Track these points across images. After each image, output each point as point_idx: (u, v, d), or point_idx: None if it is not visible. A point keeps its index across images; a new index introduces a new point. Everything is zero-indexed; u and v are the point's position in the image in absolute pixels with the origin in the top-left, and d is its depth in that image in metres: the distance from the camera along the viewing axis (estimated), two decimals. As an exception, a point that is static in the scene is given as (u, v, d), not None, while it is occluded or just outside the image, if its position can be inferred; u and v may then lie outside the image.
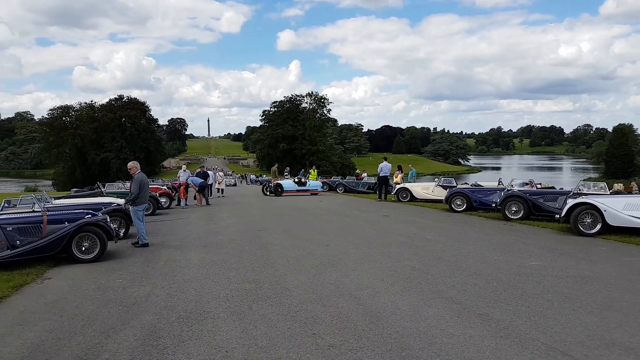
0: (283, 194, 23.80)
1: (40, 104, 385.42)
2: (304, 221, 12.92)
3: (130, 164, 10.07)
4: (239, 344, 4.09)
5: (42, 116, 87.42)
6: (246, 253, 8.32)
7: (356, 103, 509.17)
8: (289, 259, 7.71)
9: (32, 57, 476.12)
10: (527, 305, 5.05)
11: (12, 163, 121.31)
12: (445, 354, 3.79)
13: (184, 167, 23.20)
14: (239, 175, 68.09)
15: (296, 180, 25.79)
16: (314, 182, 26.58)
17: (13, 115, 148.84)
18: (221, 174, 27.38)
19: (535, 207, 12.28)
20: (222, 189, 26.05)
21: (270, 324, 4.56)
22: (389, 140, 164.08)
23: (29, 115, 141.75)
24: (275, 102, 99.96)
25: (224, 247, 8.98)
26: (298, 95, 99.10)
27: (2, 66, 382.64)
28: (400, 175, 22.37)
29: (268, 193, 25.35)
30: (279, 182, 24.72)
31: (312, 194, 24.74)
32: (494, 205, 13.44)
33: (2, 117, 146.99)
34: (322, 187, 27.18)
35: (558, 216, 10.39)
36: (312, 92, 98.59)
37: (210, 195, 24.12)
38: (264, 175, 64.38)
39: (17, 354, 4.04)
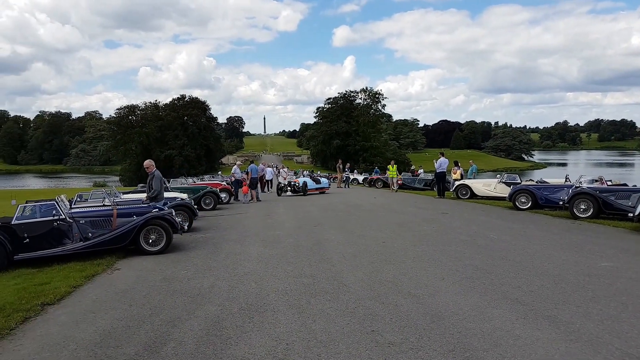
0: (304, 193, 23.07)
1: (108, 103, 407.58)
2: (358, 218, 12.88)
3: (147, 163, 10.28)
4: (299, 338, 4.14)
5: (110, 115, 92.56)
6: (303, 248, 8.41)
7: (412, 98, 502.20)
8: (345, 255, 7.71)
9: (100, 58, 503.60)
10: (599, 307, 4.77)
11: (82, 160, 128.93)
12: (511, 356, 3.66)
13: (238, 162, 23.90)
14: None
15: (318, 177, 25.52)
16: (325, 180, 26.14)
17: (83, 114, 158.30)
18: (285, 170, 28.24)
19: (605, 205, 11.59)
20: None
21: (329, 319, 4.58)
22: (447, 135, 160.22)
23: (97, 115, 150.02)
24: (329, 98, 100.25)
25: (281, 242, 9.11)
26: (352, 92, 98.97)
27: (74, 68, 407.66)
28: (458, 171, 21.80)
29: (289, 193, 23.10)
30: (305, 180, 24.16)
31: (320, 192, 24.15)
32: (561, 203, 12.83)
33: (73, 117, 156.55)
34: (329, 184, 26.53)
35: (631, 215, 9.76)
36: (366, 88, 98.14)
37: (270, 191, 24.68)
38: (319, 172, 64.60)
39: (91, 340, 4.28)
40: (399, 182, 27.84)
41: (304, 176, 26.14)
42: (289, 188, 23.29)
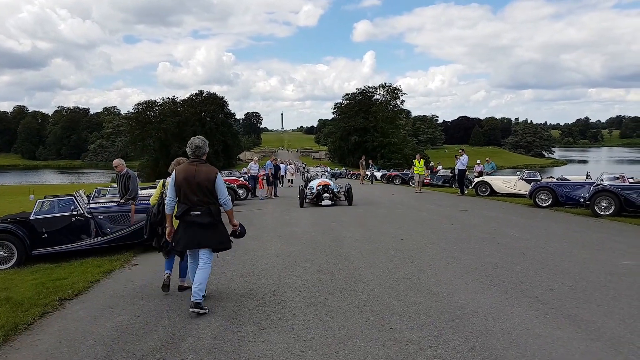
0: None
1: (127, 99, 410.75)
2: (377, 215, 12.81)
3: (117, 161, 9.61)
4: (317, 334, 4.12)
5: (128, 111, 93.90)
6: (320, 245, 8.38)
7: (432, 93, 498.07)
8: (363, 252, 7.67)
9: (120, 54, 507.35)
10: (621, 306, 4.67)
11: (100, 155, 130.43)
12: (531, 355, 3.59)
13: (255, 158, 24.02)
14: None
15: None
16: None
17: (101, 110, 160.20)
18: (292, 167, 29.32)
19: (627, 203, 11.43)
20: (292, 180, 27.85)
21: (347, 316, 4.55)
22: (466, 131, 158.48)
23: (116, 110, 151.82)
24: (347, 94, 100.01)
25: (299, 239, 9.11)
26: (371, 87, 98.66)
27: (94, 63, 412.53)
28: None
29: (328, 202, 15.40)
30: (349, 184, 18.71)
31: None
32: (582, 200, 12.64)
33: (92, 112, 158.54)
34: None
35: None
36: (385, 84, 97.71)
37: (282, 185, 24.93)
38: (341, 169, 64.48)
39: (109, 335, 4.29)
40: (426, 180, 25.10)
41: (325, 175, 20.55)
42: (326, 195, 15.69)
